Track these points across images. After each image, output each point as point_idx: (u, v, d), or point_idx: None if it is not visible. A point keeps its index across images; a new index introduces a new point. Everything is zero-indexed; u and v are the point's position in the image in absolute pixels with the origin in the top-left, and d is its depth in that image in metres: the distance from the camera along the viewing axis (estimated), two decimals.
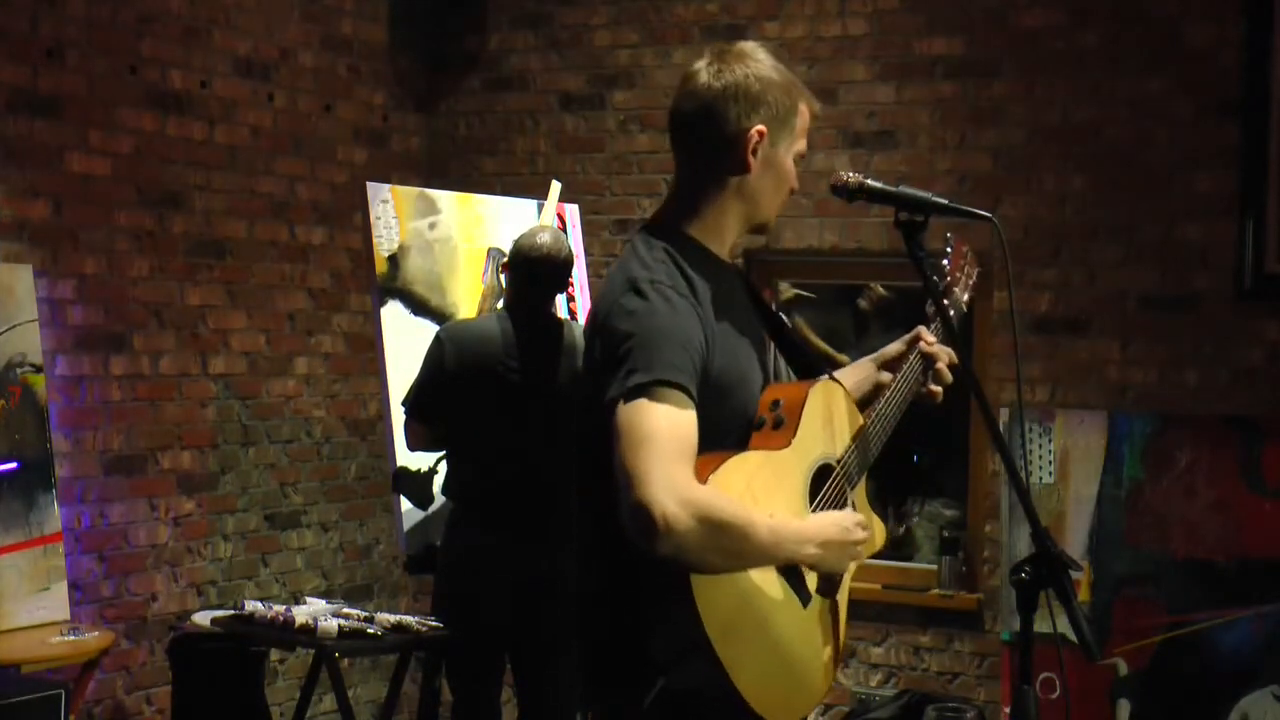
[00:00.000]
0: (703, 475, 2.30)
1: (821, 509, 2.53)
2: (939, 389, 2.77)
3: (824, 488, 2.55)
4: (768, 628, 2.39)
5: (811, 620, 2.49)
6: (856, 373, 2.81)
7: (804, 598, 2.47)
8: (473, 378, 4.43)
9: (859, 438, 2.63)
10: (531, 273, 4.49)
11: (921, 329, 2.78)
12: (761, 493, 2.41)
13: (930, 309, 2.78)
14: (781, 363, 2.67)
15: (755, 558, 2.34)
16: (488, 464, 4.45)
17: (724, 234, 2.54)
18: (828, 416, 2.58)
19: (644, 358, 2.30)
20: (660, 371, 2.29)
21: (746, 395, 2.49)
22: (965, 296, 2.95)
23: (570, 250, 4.58)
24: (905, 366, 2.74)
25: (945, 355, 2.77)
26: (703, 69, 2.51)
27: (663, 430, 2.25)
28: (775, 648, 2.39)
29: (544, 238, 4.52)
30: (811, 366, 2.69)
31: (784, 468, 2.47)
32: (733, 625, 2.32)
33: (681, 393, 2.29)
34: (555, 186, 5.31)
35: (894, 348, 2.80)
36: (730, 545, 2.27)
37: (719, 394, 2.41)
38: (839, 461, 2.59)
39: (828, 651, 2.53)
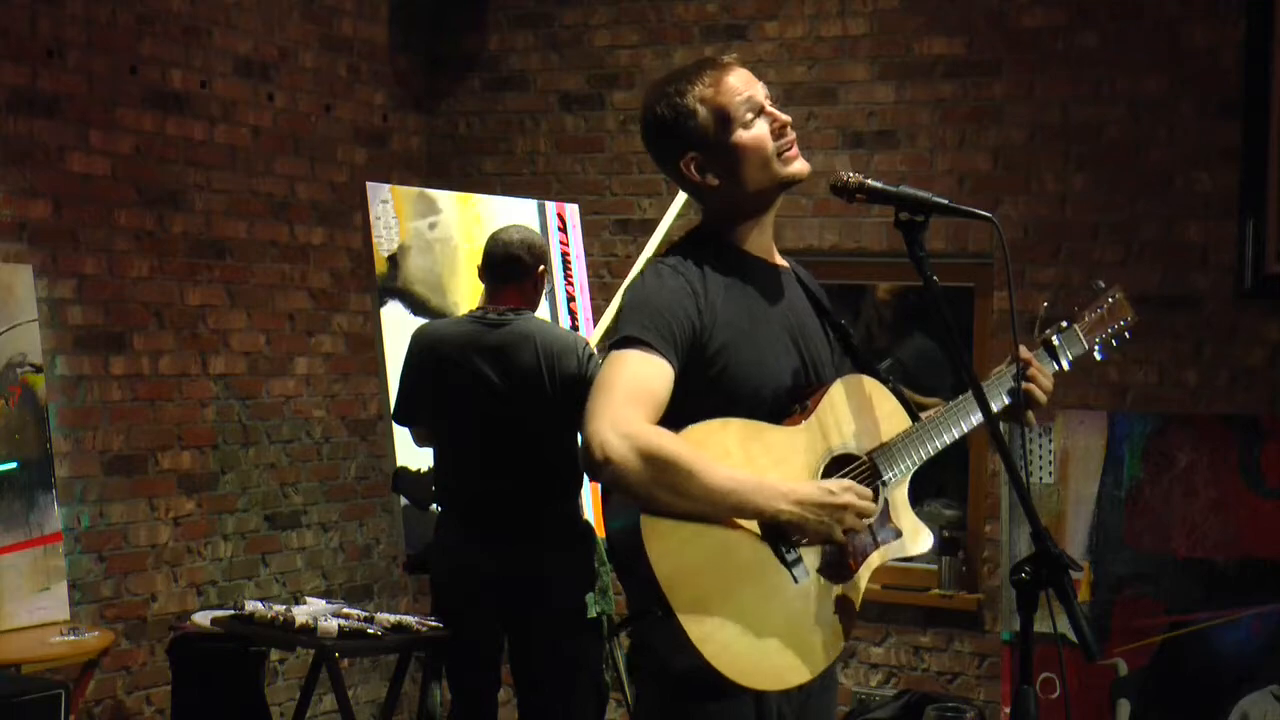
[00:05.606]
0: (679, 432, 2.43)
1: None
2: (1029, 412, 2.74)
3: (839, 474, 2.57)
4: (735, 592, 2.43)
5: (803, 597, 2.50)
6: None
7: (797, 575, 2.49)
8: (431, 377, 4.42)
9: (902, 438, 2.65)
10: (487, 266, 4.48)
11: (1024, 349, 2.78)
12: (754, 459, 2.47)
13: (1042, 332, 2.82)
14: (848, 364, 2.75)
15: (705, 500, 2.40)
16: (455, 463, 4.44)
17: (744, 230, 2.65)
18: (856, 409, 2.62)
19: (624, 322, 2.52)
20: (630, 330, 2.49)
21: (759, 378, 2.56)
22: (1093, 343, 2.91)
23: (534, 242, 4.48)
24: (986, 381, 2.72)
25: (1042, 374, 2.76)
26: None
27: (622, 376, 2.44)
28: (744, 613, 2.43)
29: (506, 233, 4.49)
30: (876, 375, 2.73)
31: (787, 445, 2.53)
32: (690, 583, 2.39)
33: (648, 348, 2.47)
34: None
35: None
36: (674, 482, 2.37)
37: (722, 370, 2.53)
38: (867, 454, 2.61)
39: (820, 631, 2.53)
